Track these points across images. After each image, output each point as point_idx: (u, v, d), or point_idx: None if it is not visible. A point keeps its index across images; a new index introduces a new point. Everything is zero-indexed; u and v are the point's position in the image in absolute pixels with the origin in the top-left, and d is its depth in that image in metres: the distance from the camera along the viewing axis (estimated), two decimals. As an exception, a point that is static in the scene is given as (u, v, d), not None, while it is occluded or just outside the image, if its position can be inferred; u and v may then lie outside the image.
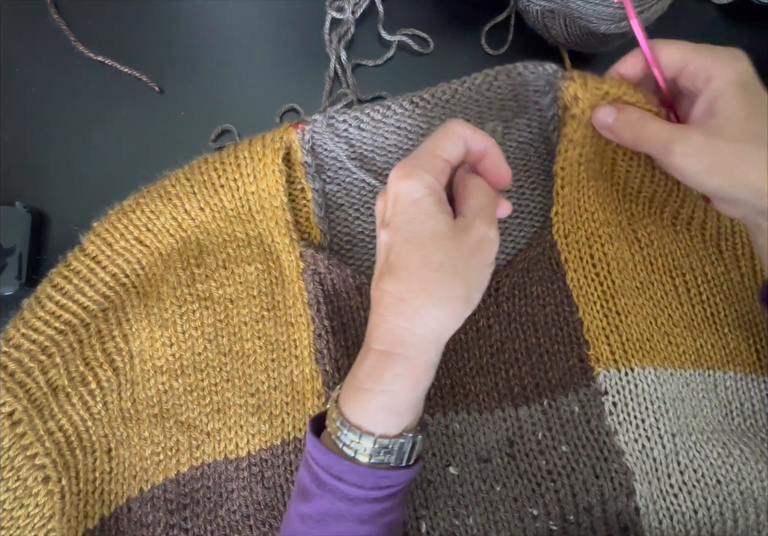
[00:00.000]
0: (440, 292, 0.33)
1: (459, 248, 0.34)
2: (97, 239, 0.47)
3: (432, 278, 0.33)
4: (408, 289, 0.34)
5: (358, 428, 0.33)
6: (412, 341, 0.34)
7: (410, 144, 0.47)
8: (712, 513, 0.38)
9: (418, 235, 0.34)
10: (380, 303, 0.35)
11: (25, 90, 0.56)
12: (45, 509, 0.42)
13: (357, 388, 0.34)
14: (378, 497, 0.33)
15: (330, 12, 0.56)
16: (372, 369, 0.34)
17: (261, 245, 0.47)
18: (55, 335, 0.45)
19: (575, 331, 0.42)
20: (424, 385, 0.35)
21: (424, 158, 0.36)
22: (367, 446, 0.33)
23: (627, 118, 0.40)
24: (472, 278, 0.35)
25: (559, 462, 0.40)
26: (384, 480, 0.33)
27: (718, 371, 0.43)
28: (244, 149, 0.45)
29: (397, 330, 0.34)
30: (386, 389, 0.33)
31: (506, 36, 0.55)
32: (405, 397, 0.34)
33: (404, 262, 0.34)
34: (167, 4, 0.58)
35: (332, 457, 0.33)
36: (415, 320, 0.33)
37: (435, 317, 0.33)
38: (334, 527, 0.33)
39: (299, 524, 0.34)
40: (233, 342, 0.45)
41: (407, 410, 0.34)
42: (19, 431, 0.43)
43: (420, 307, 0.33)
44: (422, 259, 0.34)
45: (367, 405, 0.34)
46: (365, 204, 0.48)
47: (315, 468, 0.34)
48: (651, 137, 0.39)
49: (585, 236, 0.44)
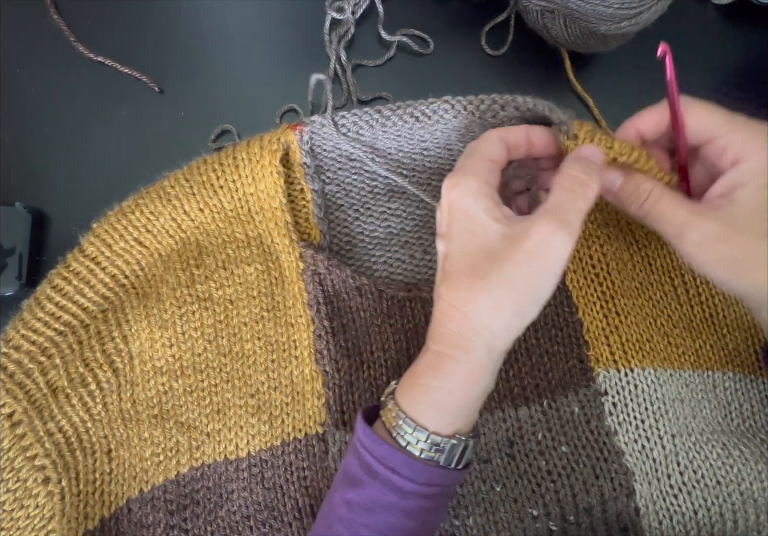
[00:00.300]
0: (487, 301, 0.33)
1: (512, 257, 0.33)
2: (96, 240, 0.46)
3: (478, 287, 0.33)
4: (458, 296, 0.34)
5: (414, 420, 0.34)
6: (463, 345, 0.34)
7: (410, 147, 0.46)
8: (712, 514, 0.38)
9: (469, 245, 0.34)
10: (437, 308, 0.35)
11: (25, 90, 0.55)
12: (45, 510, 0.42)
13: (413, 383, 0.35)
14: (427, 494, 0.34)
15: (330, 12, 0.55)
16: (428, 367, 0.35)
17: (260, 246, 0.46)
18: (55, 336, 0.45)
19: (575, 332, 0.42)
20: (478, 389, 0.35)
21: (468, 163, 0.37)
22: (420, 438, 0.34)
23: (636, 190, 0.37)
24: (526, 288, 0.33)
25: (559, 462, 0.40)
26: (436, 478, 0.34)
27: (717, 372, 0.43)
28: (242, 150, 0.45)
29: (450, 334, 0.34)
30: (440, 386, 0.34)
31: (506, 36, 0.55)
32: (458, 397, 0.34)
33: (456, 270, 0.34)
34: (167, 4, 0.58)
35: (387, 448, 0.34)
36: (463, 326, 0.34)
37: (484, 325, 0.33)
38: (382, 516, 0.33)
39: (344, 509, 0.34)
40: (233, 343, 0.44)
41: (460, 411, 0.35)
42: (19, 432, 0.42)
43: (469, 314, 0.33)
44: (472, 268, 0.34)
45: (421, 399, 0.35)
46: (365, 205, 0.47)
47: (368, 457, 0.34)
48: (663, 218, 0.36)
49: (584, 237, 0.44)
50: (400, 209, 0.48)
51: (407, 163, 0.47)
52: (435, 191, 0.47)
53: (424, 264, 0.47)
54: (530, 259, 0.32)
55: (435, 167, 0.47)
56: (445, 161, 0.47)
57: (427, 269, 0.47)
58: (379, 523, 0.33)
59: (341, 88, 0.55)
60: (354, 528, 0.34)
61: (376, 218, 0.47)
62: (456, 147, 0.47)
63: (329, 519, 0.35)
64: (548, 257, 0.32)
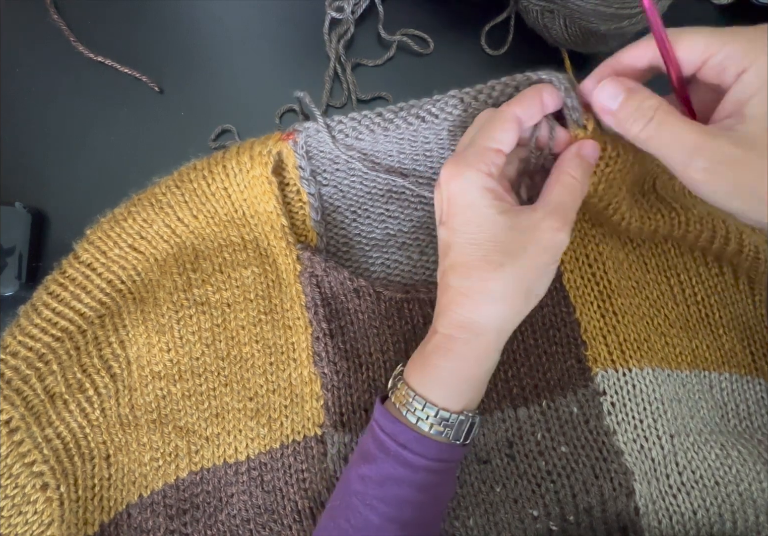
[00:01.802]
0: (500, 289, 0.34)
1: (521, 249, 0.34)
2: (90, 246, 0.45)
3: (491, 277, 0.34)
4: (469, 285, 0.34)
5: (423, 397, 0.35)
6: (473, 328, 0.35)
7: (412, 149, 0.44)
8: (711, 514, 0.37)
9: (476, 236, 0.34)
10: (445, 295, 0.36)
11: (25, 90, 0.54)
12: (44, 516, 0.41)
13: (423, 364, 0.36)
14: (437, 469, 0.35)
15: (329, 12, 0.54)
16: (437, 348, 0.35)
17: (257, 249, 0.45)
18: (52, 342, 0.44)
19: (573, 332, 0.41)
20: (485, 367, 0.36)
21: (473, 152, 0.35)
22: (430, 414, 0.35)
23: (639, 106, 0.32)
24: (534, 276, 0.35)
25: (559, 462, 0.39)
26: (444, 453, 0.35)
27: (713, 373, 0.42)
28: (232, 159, 0.43)
29: (461, 318, 0.35)
30: (450, 366, 0.35)
31: (506, 36, 0.54)
32: (466, 374, 0.35)
33: (465, 259, 0.35)
34: (167, 4, 0.57)
35: (399, 426, 0.35)
36: (475, 312, 0.34)
37: (496, 310, 0.34)
38: (393, 490, 0.34)
39: (359, 484, 0.35)
40: (231, 346, 0.43)
41: (468, 388, 0.36)
42: (17, 438, 0.42)
43: (480, 301, 0.34)
44: (482, 258, 0.34)
45: (431, 378, 0.35)
46: (362, 206, 0.46)
47: (381, 435, 0.35)
48: (671, 141, 0.31)
49: (579, 236, 0.43)
50: (398, 211, 0.46)
51: (408, 164, 0.45)
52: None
53: (422, 265, 0.46)
54: (542, 252, 0.34)
55: (437, 166, 0.45)
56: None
57: (424, 270, 0.46)
58: (390, 496, 0.34)
59: (341, 88, 0.54)
60: (367, 501, 0.34)
61: (374, 219, 0.46)
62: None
63: (344, 492, 0.36)
64: (556, 250, 0.35)
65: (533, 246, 0.34)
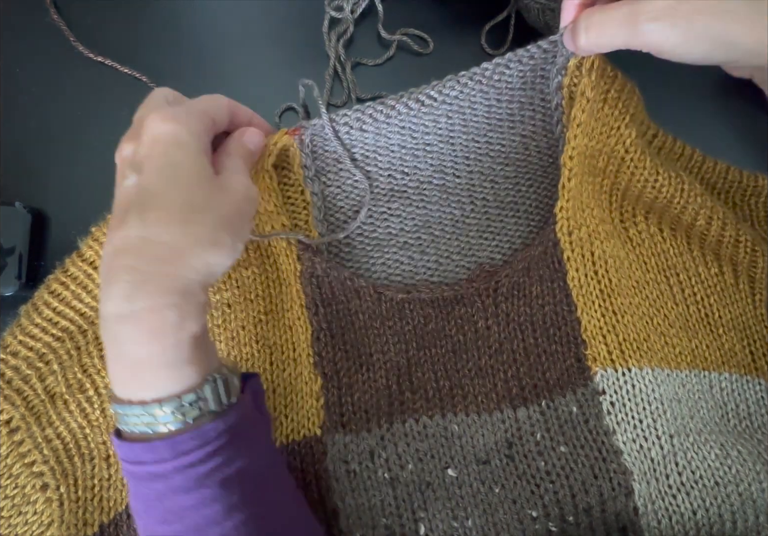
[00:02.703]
0: (207, 235, 0.31)
1: (224, 200, 0.33)
2: (95, 244, 0.44)
3: (198, 220, 0.30)
4: (168, 231, 0.29)
5: (130, 402, 0.30)
6: (178, 286, 0.29)
7: (413, 142, 0.45)
8: (711, 515, 0.36)
9: (182, 177, 0.31)
10: (127, 252, 0.29)
11: (25, 90, 0.54)
12: (44, 516, 0.40)
13: (132, 365, 0.30)
14: (192, 462, 0.29)
15: (329, 11, 0.54)
16: (138, 336, 0.29)
17: (257, 249, 0.44)
18: (53, 342, 0.43)
19: (573, 330, 0.41)
20: (197, 328, 0.30)
21: (192, 110, 0.35)
22: (166, 411, 0.29)
23: (573, 28, 0.35)
24: (237, 228, 0.33)
25: (558, 462, 0.38)
26: (183, 445, 0.29)
27: (713, 373, 0.42)
28: None
29: (158, 278, 0.29)
30: (163, 349, 0.29)
31: (506, 35, 0.53)
32: (182, 349, 0.30)
33: (164, 204, 0.30)
34: (167, 4, 0.56)
35: (137, 446, 0.29)
36: (178, 264, 0.29)
37: (202, 260, 0.30)
38: (170, 510, 0.29)
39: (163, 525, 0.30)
40: (231, 347, 0.43)
41: (189, 360, 0.30)
42: (17, 438, 0.41)
43: (185, 249, 0.30)
44: (187, 201, 0.31)
45: (125, 378, 0.30)
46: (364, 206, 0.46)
47: (128, 468, 0.30)
48: (609, 21, 0.32)
49: (587, 233, 0.42)
50: (400, 209, 0.46)
51: (409, 160, 0.45)
52: (436, 190, 0.46)
53: (423, 265, 0.46)
54: (243, 206, 0.34)
55: (437, 163, 0.45)
56: (447, 157, 0.45)
57: (425, 270, 0.46)
58: (177, 526, 0.29)
59: (341, 87, 0.54)
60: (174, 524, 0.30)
61: (376, 218, 0.46)
62: (458, 141, 0.45)
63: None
64: (253, 205, 0.36)
65: (233, 201, 0.34)
